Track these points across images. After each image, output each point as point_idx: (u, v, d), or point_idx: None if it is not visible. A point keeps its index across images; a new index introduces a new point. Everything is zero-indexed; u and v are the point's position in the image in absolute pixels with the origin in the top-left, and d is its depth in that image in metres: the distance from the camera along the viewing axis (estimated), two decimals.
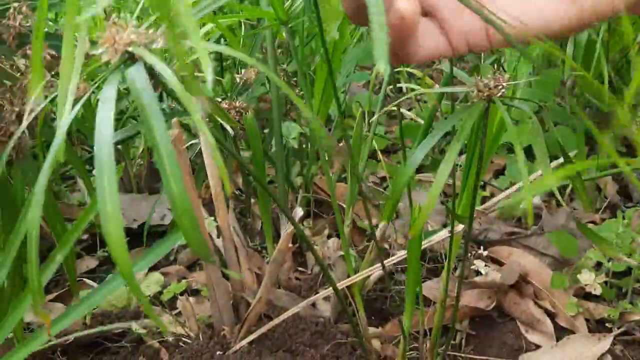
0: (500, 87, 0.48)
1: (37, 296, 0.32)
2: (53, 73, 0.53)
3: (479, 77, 0.50)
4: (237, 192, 1.09)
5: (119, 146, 1.15)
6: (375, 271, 0.68)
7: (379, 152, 1.05)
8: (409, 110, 1.60)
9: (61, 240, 0.45)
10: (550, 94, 1.07)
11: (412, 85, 0.93)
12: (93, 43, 0.37)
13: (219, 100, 0.81)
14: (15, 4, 0.48)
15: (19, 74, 0.52)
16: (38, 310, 0.33)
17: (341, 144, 1.14)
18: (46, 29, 0.55)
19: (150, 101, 0.31)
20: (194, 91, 0.48)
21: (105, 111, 0.31)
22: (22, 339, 0.53)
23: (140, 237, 1.04)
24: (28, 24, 0.50)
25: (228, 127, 0.79)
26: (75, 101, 0.35)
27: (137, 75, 0.31)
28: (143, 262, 0.55)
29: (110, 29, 0.33)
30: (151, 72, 0.33)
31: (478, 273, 0.88)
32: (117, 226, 0.28)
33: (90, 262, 0.99)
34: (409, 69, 1.09)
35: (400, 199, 0.84)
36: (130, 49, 0.32)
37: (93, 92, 0.37)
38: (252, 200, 1.05)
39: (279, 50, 1.08)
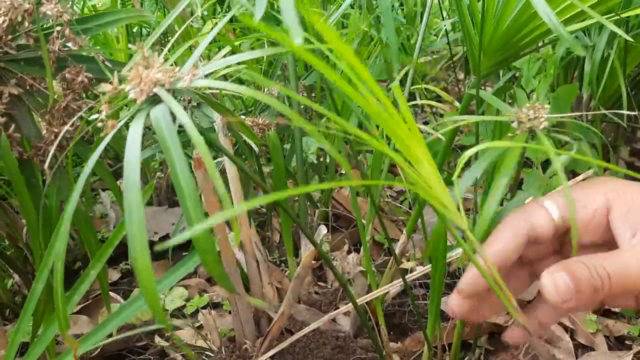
0: (542, 118, 0.49)
1: (63, 324, 0.34)
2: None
3: (518, 108, 0.50)
4: (257, 206, 1.11)
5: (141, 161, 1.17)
6: (396, 286, 0.69)
7: (398, 166, 1.06)
8: (425, 124, 1.62)
9: (94, 257, 0.47)
10: (568, 109, 1.07)
11: (431, 103, 0.94)
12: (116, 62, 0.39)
13: (243, 117, 0.83)
14: (58, 28, 0.50)
15: (56, 96, 0.54)
16: (65, 337, 0.34)
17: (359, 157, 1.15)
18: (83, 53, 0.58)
19: (174, 143, 0.32)
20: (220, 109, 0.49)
21: (132, 150, 0.33)
22: (54, 354, 0.54)
23: (161, 252, 1.06)
24: (67, 48, 0.52)
25: (252, 144, 0.81)
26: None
27: (161, 117, 0.33)
28: (168, 281, 0.56)
29: (138, 67, 0.35)
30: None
31: None
32: (145, 260, 0.29)
33: (112, 275, 1.00)
34: (425, 85, 1.11)
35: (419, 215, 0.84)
36: (155, 89, 0.34)
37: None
38: (272, 214, 1.07)
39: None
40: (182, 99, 0.99)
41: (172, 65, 0.37)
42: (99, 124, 0.37)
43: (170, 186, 1.18)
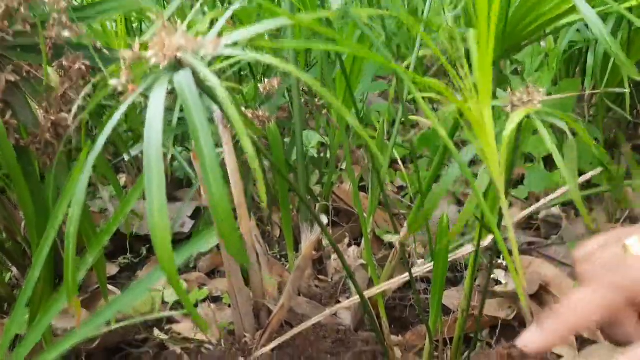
0: (536, 101, 0.48)
1: (72, 287, 0.33)
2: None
3: (512, 91, 0.50)
4: (257, 201, 1.10)
5: (139, 154, 1.17)
6: (400, 280, 0.69)
7: (399, 161, 1.06)
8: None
9: (90, 243, 0.46)
10: (570, 104, 1.07)
11: (430, 94, 0.93)
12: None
13: (243, 109, 0.82)
14: (55, 15, 0.49)
15: (53, 83, 0.53)
16: (71, 301, 0.34)
17: (360, 151, 1.14)
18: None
19: (197, 108, 0.32)
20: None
21: (154, 112, 0.32)
22: (51, 342, 0.54)
23: None
24: (65, 35, 0.51)
25: (253, 136, 0.80)
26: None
27: (184, 81, 0.32)
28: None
29: (161, 33, 0.34)
30: (197, 78, 0.34)
31: (498, 282, 0.87)
32: (164, 229, 0.29)
33: (111, 269, 1.00)
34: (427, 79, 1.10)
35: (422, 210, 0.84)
36: (179, 54, 0.33)
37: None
38: (272, 209, 1.06)
39: None
40: None
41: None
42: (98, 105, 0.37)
43: (170, 180, 1.17)
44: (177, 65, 0.35)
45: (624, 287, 0.37)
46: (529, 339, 0.40)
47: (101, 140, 0.38)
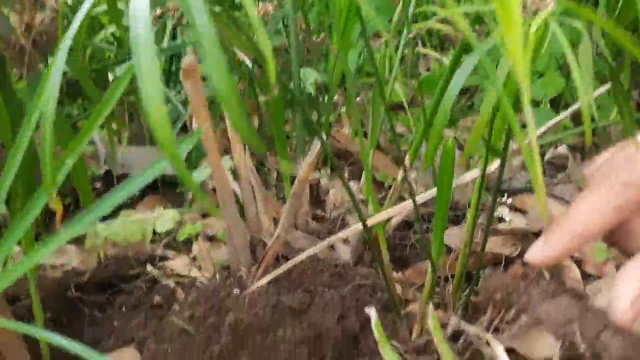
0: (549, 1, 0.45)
1: (50, 178, 0.30)
2: None
3: None
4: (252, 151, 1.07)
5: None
6: (403, 207, 0.66)
7: (404, 103, 1.02)
8: (427, 71, 1.56)
9: (69, 147, 0.43)
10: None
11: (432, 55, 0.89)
12: None
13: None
14: None
15: None
16: (51, 197, 0.31)
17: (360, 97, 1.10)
18: None
19: None
20: None
21: None
22: (31, 246, 0.51)
23: (152, 188, 1.03)
24: None
25: (247, 61, 0.76)
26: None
27: None
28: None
29: None
30: None
31: (502, 220, 0.85)
32: (156, 94, 0.26)
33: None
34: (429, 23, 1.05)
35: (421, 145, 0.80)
36: None
37: None
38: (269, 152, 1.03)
39: None
40: (173, 16, 0.94)
41: None
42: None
43: None
44: None
45: (636, 184, 0.33)
46: (537, 252, 0.36)
47: (75, 24, 0.35)
